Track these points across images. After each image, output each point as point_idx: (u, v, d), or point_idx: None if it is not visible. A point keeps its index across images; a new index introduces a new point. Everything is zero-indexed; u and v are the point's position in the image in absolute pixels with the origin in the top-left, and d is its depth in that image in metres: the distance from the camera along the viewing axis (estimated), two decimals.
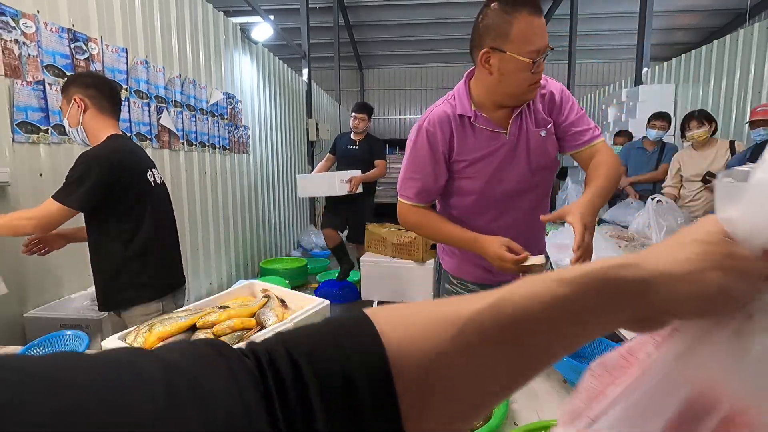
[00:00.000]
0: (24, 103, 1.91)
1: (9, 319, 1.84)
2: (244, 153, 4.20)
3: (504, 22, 1.02)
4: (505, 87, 1.10)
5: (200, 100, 3.35)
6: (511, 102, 1.15)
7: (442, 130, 1.16)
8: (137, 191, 1.51)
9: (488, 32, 1.05)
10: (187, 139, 3.17)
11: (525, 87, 1.09)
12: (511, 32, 1.01)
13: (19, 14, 1.88)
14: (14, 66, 1.86)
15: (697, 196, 3.03)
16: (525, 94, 1.12)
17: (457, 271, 1.33)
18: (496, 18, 1.03)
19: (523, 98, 1.14)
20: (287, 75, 5.52)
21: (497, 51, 1.04)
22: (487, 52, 1.06)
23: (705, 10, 8.82)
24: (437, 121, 1.17)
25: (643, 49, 5.37)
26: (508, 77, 1.07)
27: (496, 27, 1.03)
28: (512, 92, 1.11)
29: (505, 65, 1.05)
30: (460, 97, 1.18)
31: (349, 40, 10.12)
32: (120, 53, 2.47)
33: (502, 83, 1.09)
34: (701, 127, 2.93)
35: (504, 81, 1.08)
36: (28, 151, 1.95)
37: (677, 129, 3.88)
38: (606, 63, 11.93)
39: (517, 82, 1.08)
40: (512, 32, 1.01)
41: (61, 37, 2.09)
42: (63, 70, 2.10)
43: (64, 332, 1.25)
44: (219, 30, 3.69)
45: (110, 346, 0.87)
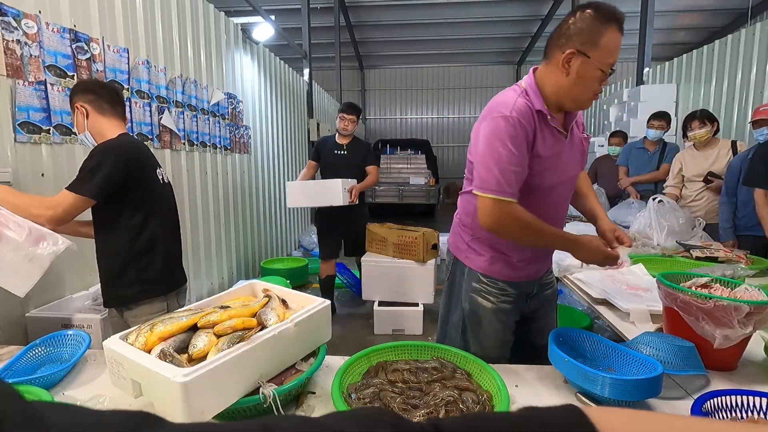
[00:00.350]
0: (26, 103, 1.91)
1: (11, 319, 1.85)
2: (245, 153, 4.21)
3: (596, 30, 1.07)
4: (576, 90, 1.14)
5: (201, 100, 3.35)
6: (573, 107, 1.20)
7: (528, 123, 1.14)
8: (147, 186, 1.52)
9: (578, 35, 1.09)
10: (188, 139, 3.17)
11: (590, 95, 1.15)
12: (600, 41, 1.07)
13: (21, 14, 1.89)
14: (16, 66, 1.86)
15: (699, 196, 3.03)
16: (587, 102, 1.17)
17: (488, 270, 1.32)
18: (589, 24, 1.08)
19: (583, 105, 1.20)
20: (288, 75, 5.52)
21: (582, 55, 1.09)
22: (573, 53, 1.09)
23: (707, 10, 8.80)
24: (524, 112, 1.13)
25: (644, 48, 5.37)
26: (583, 82, 1.12)
27: (587, 32, 1.08)
28: (580, 97, 1.16)
29: (585, 70, 1.10)
30: (534, 93, 1.17)
31: (350, 40, 10.11)
32: (121, 53, 2.47)
33: (575, 86, 1.13)
34: (703, 127, 2.93)
35: (578, 85, 1.13)
36: (29, 151, 1.95)
37: (679, 129, 3.88)
38: None
39: (588, 88, 1.13)
40: (601, 42, 1.07)
41: (63, 38, 2.09)
42: (65, 71, 2.10)
43: (66, 332, 1.25)
44: (220, 30, 3.69)
45: (112, 346, 0.87)
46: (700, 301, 1.07)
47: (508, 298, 1.33)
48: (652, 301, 1.58)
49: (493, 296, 1.32)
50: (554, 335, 1.12)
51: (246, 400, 0.86)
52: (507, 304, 1.33)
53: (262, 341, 0.90)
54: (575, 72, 1.11)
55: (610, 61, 1.09)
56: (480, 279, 1.33)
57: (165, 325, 0.92)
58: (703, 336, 1.09)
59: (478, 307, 1.33)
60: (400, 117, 13.30)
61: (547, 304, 1.45)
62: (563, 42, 1.11)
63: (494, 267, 1.32)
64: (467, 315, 1.36)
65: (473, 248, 1.35)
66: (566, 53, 1.10)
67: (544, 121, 1.17)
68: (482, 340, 1.35)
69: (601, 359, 1.12)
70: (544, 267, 1.40)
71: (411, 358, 1.12)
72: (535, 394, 1.03)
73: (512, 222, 1.13)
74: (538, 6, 8.70)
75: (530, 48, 10.78)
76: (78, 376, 1.12)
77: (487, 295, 1.32)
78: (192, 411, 0.76)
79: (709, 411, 0.85)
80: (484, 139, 1.14)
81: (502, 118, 1.12)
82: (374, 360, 1.10)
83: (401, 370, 1.04)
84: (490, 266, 1.32)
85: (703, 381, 1.09)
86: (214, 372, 0.79)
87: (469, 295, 1.35)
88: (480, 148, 1.15)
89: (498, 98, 1.19)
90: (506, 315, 1.34)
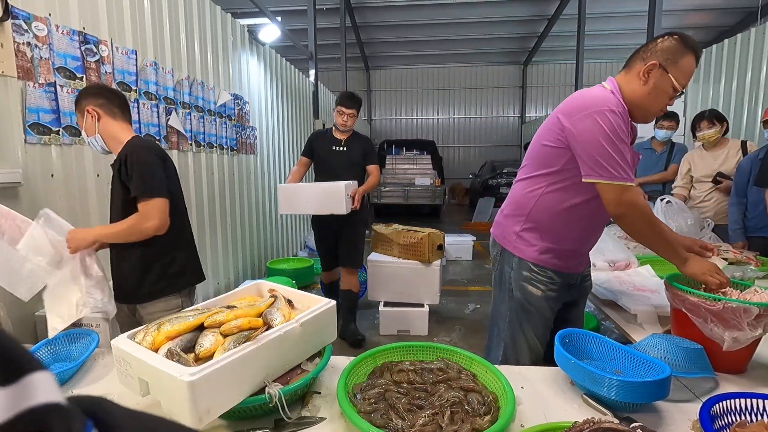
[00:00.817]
0: (36, 104, 1.94)
1: (21, 318, 1.87)
2: (251, 154, 4.23)
3: (679, 52, 1.22)
4: (648, 100, 1.26)
5: (208, 101, 3.37)
6: (640, 116, 1.31)
7: (625, 117, 1.24)
8: (172, 182, 1.56)
9: (663, 52, 1.23)
10: (195, 140, 3.19)
11: (658, 108, 1.28)
12: (680, 62, 1.22)
13: (32, 17, 1.91)
14: (27, 68, 1.89)
15: (708, 197, 2.99)
16: (653, 114, 1.30)
17: (538, 259, 1.41)
18: (674, 46, 1.22)
19: (648, 117, 1.32)
20: (294, 76, 5.54)
21: (662, 69, 1.23)
22: (655, 64, 1.23)
23: (715, 9, 8.72)
24: (623, 109, 1.24)
25: None
26: (656, 94, 1.25)
27: (671, 51, 1.22)
28: (649, 108, 1.28)
29: (661, 82, 1.23)
30: (619, 97, 1.27)
31: (355, 41, 10.14)
32: (130, 55, 2.49)
33: (648, 96, 1.26)
34: (712, 128, 2.89)
35: (651, 95, 1.25)
36: (39, 152, 1.97)
37: (687, 129, 3.84)
38: (614, 62, 11.83)
39: (659, 101, 1.26)
40: (680, 62, 1.22)
41: (72, 40, 2.12)
42: (74, 72, 2.13)
43: (75, 331, 1.26)
44: (227, 32, 3.71)
45: (120, 345, 0.88)
46: (709, 303, 1.06)
47: (555, 287, 1.42)
48: (659, 303, 1.57)
49: (542, 284, 1.41)
50: (560, 336, 1.12)
51: (252, 399, 0.87)
52: (553, 292, 1.42)
53: (268, 341, 0.90)
54: (652, 82, 1.24)
55: (682, 82, 1.23)
56: (531, 268, 1.42)
57: (172, 325, 0.93)
58: (711, 338, 1.08)
59: (529, 294, 1.42)
60: (405, 117, 13.30)
61: (584, 294, 1.58)
62: (647, 56, 1.25)
63: (544, 257, 1.41)
64: (519, 303, 1.45)
65: (524, 238, 1.43)
66: (649, 64, 1.23)
67: (627, 120, 1.27)
68: (533, 327, 1.44)
69: (608, 361, 1.11)
70: (585, 262, 1.52)
71: (416, 358, 1.11)
72: (541, 396, 1.02)
73: (640, 209, 1.22)
74: (545, 6, 8.67)
75: (537, 48, 10.74)
76: (86, 375, 1.13)
77: (537, 283, 1.41)
78: (198, 410, 0.77)
79: (717, 414, 0.84)
80: (597, 131, 1.21)
81: (610, 112, 1.21)
82: (380, 360, 1.10)
83: (406, 370, 1.03)
84: (540, 256, 1.40)
85: (712, 384, 1.08)
86: (220, 371, 0.80)
87: (520, 284, 1.43)
88: (589, 139, 1.22)
89: (590, 94, 1.28)
90: (554, 302, 1.44)
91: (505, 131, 13.02)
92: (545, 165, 1.37)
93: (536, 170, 1.40)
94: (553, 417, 0.93)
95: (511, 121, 12.99)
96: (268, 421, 0.90)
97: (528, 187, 1.42)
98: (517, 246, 1.44)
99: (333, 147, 2.95)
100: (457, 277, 4.88)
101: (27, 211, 1.89)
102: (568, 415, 0.94)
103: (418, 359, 1.11)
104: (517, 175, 1.50)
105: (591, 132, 1.21)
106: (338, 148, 2.95)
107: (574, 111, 1.26)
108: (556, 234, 1.39)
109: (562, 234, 1.39)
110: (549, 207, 1.37)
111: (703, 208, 3.00)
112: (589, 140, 1.22)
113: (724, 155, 2.94)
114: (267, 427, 0.88)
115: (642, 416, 0.92)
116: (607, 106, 1.21)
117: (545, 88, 12.67)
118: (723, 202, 2.90)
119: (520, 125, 12.70)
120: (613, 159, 1.20)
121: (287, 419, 0.87)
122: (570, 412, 0.95)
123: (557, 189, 1.34)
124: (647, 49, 1.26)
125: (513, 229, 1.45)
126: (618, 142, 1.20)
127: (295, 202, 2.84)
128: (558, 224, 1.38)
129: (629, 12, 8.48)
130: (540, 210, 1.39)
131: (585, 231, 1.42)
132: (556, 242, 1.40)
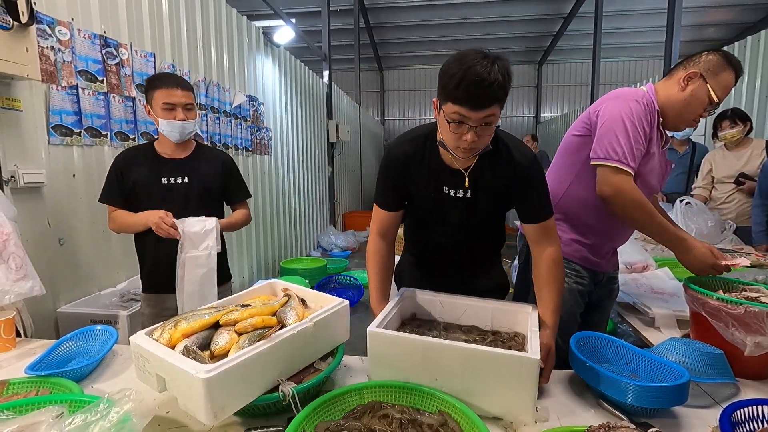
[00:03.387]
0: (59, 107, 1.99)
1: (44, 314, 1.92)
2: (265, 154, 4.27)
3: (721, 66, 1.25)
4: (683, 106, 1.29)
5: (224, 102, 3.42)
6: (674, 123, 1.33)
7: (652, 115, 1.28)
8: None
9: (705, 64, 1.26)
10: (211, 141, 3.24)
11: (692, 117, 1.30)
12: (720, 76, 1.25)
13: (55, 22, 1.97)
14: (50, 71, 1.95)
15: (730, 198, 2.91)
16: (687, 123, 1.32)
17: (565, 252, 1.37)
18: (718, 60, 1.26)
19: (681, 126, 1.34)
20: (308, 77, 5.59)
21: (702, 78, 1.26)
22: (696, 73, 1.26)
23: (738, 5, 8.48)
24: (650, 105, 1.28)
25: (671, 46, 5.20)
26: (692, 102, 1.27)
27: (713, 64, 1.26)
28: (684, 115, 1.30)
29: (699, 91, 1.26)
30: (652, 98, 1.31)
31: (369, 41, 10.15)
32: (148, 58, 2.55)
33: (684, 103, 1.28)
34: (734, 127, 2.82)
35: (687, 103, 1.28)
36: (62, 153, 2.03)
37: (708, 129, 3.74)
38: (631, 61, 11.60)
39: (694, 109, 1.28)
40: (721, 76, 1.25)
41: (94, 43, 2.17)
42: (95, 75, 2.18)
43: (95, 327, 1.29)
44: (242, 34, 3.76)
45: (138, 341, 0.90)
46: (731, 307, 1.04)
47: (582, 280, 1.43)
48: (678, 306, 1.54)
49: (568, 276, 1.40)
50: (575, 339, 1.10)
51: (266, 397, 0.88)
52: (580, 285, 1.43)
53: (282, 340, 0.91)
54: (690, 90, 1.27)
55: (719, 95, 1.26)
56: None
57: (188, 322, 0.94)
58: (732, 343, 1.05)
59: None
60: (419, 118, 13.27)
61: (609, 296, 1.56)
62: (690, 65, 1.29)
63: (571, 249, 1.42)
64: None
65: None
66: (690, 71, 1.27)
67: (657, 123, 1.31)
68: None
69: (624, 365, 1.09)
70: (613, 261, 1.53)
71: (412, 404, 0.92)
72: (556, 399, 1.01)
73: (629, 194, 1.21)
74: (561, 4, 8.55)
75: (552, 47, 10.60)
76: (106, 370, 1.16)
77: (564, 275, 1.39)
78: (214, 406, 0.78)
79: (738, 421, 0.82)
80: (614, 116, 1.24)
81: (634, 102, 1.25)
82: (367, 398, 0.92)
83: (392, 418, 0.85)
84: (567, 248, 1.39)
85: (733, 389, 1.05)
86: (235, 369, 0.81)
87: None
88: (606, 122, 1.25)
89: (621, 90, 1.33)
90: (580, 294, 1.44)
91: (519, 131, 12.86)
92: (573, 154, 1.39)
93: (565, 160, 1.43)
94: (567, 421, 0.92)
95: (525, 121, 12.85)
96: (281, 419, 0.91)
97: (557, 177, 1.44)
98: None
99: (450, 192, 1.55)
100: None
101: (50, 210, 1.95)
102: (582, 419, 0.92)
103: (414, 406, 0.91)
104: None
105: (611, 114, 1.25)
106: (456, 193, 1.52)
107: (605, 99, 1.32)
108: (584, 226, 1.41)
109: (590, 227, 1.40)
110: (577, 198, 1.39)
111: (724, 210, 2.92)
112: (605, 122, 1.26)
113: (748, 155, 2.86)
114: (280, 425, 0.89)
115: (659, 421, 0.90)
116: (631, 97, 1.26)
117: (561, 87, 12.49)
118: (746, 204, 2.82)
119: (535, 125, 12.55)
120: (617, 141, 1.22)
121: None
122: (585, 416, 0.94)
123: (586, 179, 1.34)
124: (691, 60, 1.30)
125: None
126: (631, 128, 1.22)
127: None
128: (586, 216, 1.39)
129: (647, 9, 8.30)
130: (568, 200, 1.41)
131: (613, 226, 1.41)
132: (584, 235, 1.41)
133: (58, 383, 1.00)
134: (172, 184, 1.60)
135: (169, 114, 1.53)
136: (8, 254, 1.36)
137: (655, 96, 1.31)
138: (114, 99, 2.29)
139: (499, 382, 0.88)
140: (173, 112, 1.53)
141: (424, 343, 0.94)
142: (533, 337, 0.96)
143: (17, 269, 1.37)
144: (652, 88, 1.34)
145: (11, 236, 1.37)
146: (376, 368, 0.99)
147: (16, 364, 1.18)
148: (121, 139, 2.35)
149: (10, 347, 1.28)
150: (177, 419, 0.93)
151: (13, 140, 1.79)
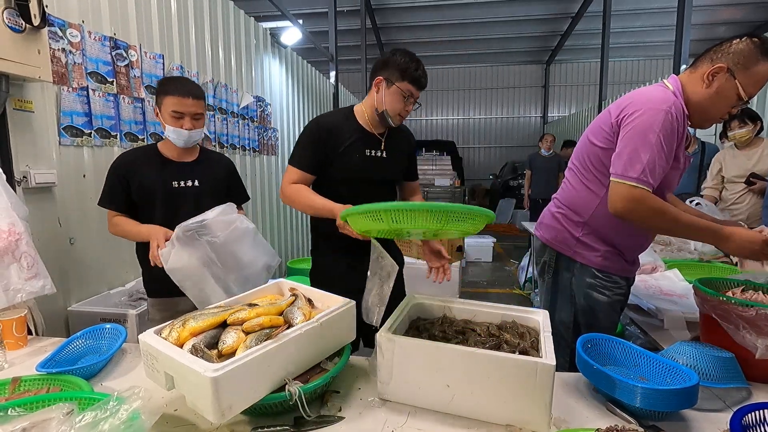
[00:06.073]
0: (69, 108, 2.02)
1: (55, 312, 1.95)
2: (272, 155, 4.29)
3: (753, 57, 1.12)
4: (708, 104, 1.20)
5: (232, 103, 3.45)
6: (698, 120, 1.25)
7: (681, 124, 1.18)
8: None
9: (734, 55, 1.14)
10: (219, 142, 3.27)
11: (718, 115, 1.22)
12: (752, 68, 1.13)
13: (66, 24, 1.99)
14: (61, 73, 1.97)
15: (740, 199, 2.88)
16: (712, 120, 1.24)
17: (602, 265, 1.36)
18: (750, 50, 1.13)
19: (705, 123, 1.26)
20: (315, 78, 5.60)
21: (729, 73, 1.15)
22: (722, 68, 1.15)
23: (748, 3, 8.37)
24: (680, 112, 1.18)
25: (681, 45, 5.14)
26: (718, 99, 1.18)
27: (744, 56, 1.13)
28: (709, 113, 1.22)
29: (725, 88, 1.16)
30: (681, 102, 1.20)
31: (376, 42, 10.16)
32: (157, 59, 2.57)
33: (710, 100, 1.19)
34: (744, 127, 2.78)
35: (713, 99, 1.19)
36: (73, 153, 2.06)
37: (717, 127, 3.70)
38: (640, 60, 11.50)
39: (720, 107, 1.20)
40: (753, 69, 1.13)
41: (104, 45, 2.20)
42: (105, 77, 2.21)
43: (104, 325, 1.31)
44: (250, 35, 3.78)
45: (147, 340, 0.91)
46: (742, 309, 1.02)
47: (621, 290, 1.38)
48: (687, 308, 1.52)
49: (608, 290, 1.36)
50: (582, 341, 1.09)
51: (273, 396, 0.88)
52: (620, 296, 1.38)
53: (289, 339, 0.92)
54: (715, 87, 1.17)
55: (750, 91, 1.15)
56: (595, 274, 1.37)
57: (196, 321, 0.95)
58: (743, 345, 1.03)
59: (594, 302, 1.37)
60: (425, 118, 13.26)
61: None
62: (717, 57, 1.17)
63: (608, 262, 1.36)
64: (582, 310, 1.40)
65: (585, 243, 1.38)
66: (715, 66, 1.16)
67: (686, 123, 1.22)
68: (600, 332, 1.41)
69: (632, 367, 1.08)
70: (638, 263, 1.48)
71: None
72: (563, 402, 1.00)
73: (645, 204, 1.14)
74: (569, 3, 8.50)
75: (560, 47, 10.53)
76: (115, 368, 1.17)
77: (603, 289, 1.36)
78: (221, 405, 0.79)
79: (750, 424, 0.80)
80: (639, 129, 1.15)
81: (663, 112, 1.14)
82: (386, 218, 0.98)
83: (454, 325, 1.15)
84: (604, 261, 1.36)
85: (744, 393, 1.03)
86: (242, 368, 0.82)
87: (584, 291, 1.38)
88: (629, 134, 1.17)
89: (647, 93, 1.21)
90: (620, 306, 1.41)
91: (526, 132, 12.81)
92: (598, 168, 1.31)
93: (590, 173, 1.34)
94: (575, 424, 0.91)
95: (532, 121, 12.77)
96: (288, 419, 0.91)
97: (584, 190, 1.36)
98: (578, 251, 1.39)
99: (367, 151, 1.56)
100: (476, 278, 4.82)
101: (61, 210, 1.98)
102: (590, 422, 0.92)
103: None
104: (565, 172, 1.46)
105: (634, 126, 1.16)
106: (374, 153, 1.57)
107: (632, 102, 1.20)
108: (617, 240, 1.35)
109: (624, 241, 1.35)
110: (609, 214, 1.25)
111: (735, 210, 2.88)
112: (628, 132, 1.16)
113: (759, 155, 2.82)
114: (287, 424, 0.89)
115: (668, 425, 0.89)
116: (660, 106, 1.15)
117: (568, 87, 12.40)
118: (757, 204, 2.79)
119: (542, 125, 12.47)
120: (637, 157, 1.13)
121: (307, 417, 0.88)
122: (592, 419, 0.93)
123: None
124: (719, 50, 1.17)
125: (571, 233, 1.40)
126: (656, 144, 1.12)
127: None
128: (619, 231, 1.33)
129: (657, 8, 8.22)
130: (600, 216, 1.33)
131: (643, 238, 1.39)
132: (618, 247, 1.36)
133: (68, 381, 1.01)
134: (182, 188, 1.59)
135: (176, 122, 1.51)
136: (20, 253, 1.38)
137: (682, 95, 1.21)
138: (123, 100, 2.32)
139: (513, 388, 0.87)
140: (181, 120, 1.52)
141: (436, 348, 0.94)
142: (547, 341, 0.95)
143: (29, 268, 1.39)
144: (679, 84, 1.23)
145: (23, 236, 1.39)
146: (385, 373, 0.99)
147: (28, 362, 1.20)
148: (130, 140, 2.37)
149: (21, 345, 1.30)
150: (185, 417, 0.93)
151: (25, 141, 1.82)
